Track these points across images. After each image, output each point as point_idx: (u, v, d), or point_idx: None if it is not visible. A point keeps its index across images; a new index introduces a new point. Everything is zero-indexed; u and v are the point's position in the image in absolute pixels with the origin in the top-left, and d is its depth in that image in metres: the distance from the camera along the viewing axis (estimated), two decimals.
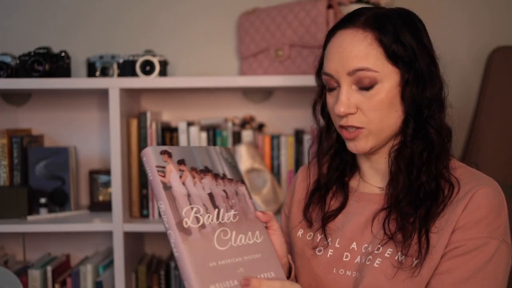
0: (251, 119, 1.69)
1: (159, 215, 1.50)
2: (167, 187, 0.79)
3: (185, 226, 0.78)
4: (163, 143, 1.59)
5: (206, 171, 0.86)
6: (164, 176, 0.80)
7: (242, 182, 0.91)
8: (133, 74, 1.52)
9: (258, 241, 0.85)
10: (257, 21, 1.61)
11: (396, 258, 0.87)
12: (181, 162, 0.83)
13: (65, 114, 1.76)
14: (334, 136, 1.02)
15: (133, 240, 1.62)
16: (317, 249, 0.97)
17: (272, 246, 0.87)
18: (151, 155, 0.80)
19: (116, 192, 1.49)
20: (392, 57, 0.87)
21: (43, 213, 1.59)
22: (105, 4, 1.76)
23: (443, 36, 1.77)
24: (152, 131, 1.55)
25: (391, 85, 0.88)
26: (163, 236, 1.76)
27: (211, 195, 0.83)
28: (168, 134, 1.60)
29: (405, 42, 0.87)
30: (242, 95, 1.75)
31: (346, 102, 0.88)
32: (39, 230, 1.51)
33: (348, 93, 0.88)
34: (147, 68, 1.50)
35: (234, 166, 0.91)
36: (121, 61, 1.55)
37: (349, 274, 0.91)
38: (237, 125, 1.65)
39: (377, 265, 0.87)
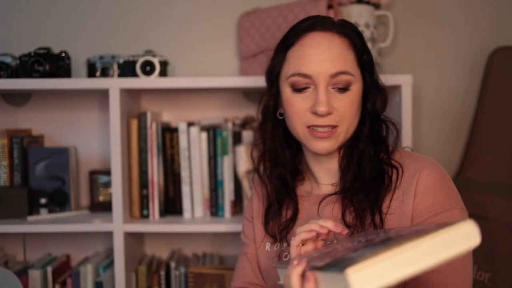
0: (251, 119, 1.69)
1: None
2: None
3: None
4: (163, 143, 1.59)
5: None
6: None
7: None
8: (134, 74, 1.52)
9: None
10: (257, 21, 1.61)
11: None
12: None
13: (66, 114, 1.76)
14: (277, 143, 1.05)
15: (133, 240, 1.62)
16: (283, 255, 0.99)
17: None
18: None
19: (116, 192, 1.49)
20: (361, 64, 0.96)
21: (43, 214, 1.59)
22: (106, 4, 1.76)
23: (443, 36, 1.77)
24: (152, 131, 1.55)
25: (358, 89, 0.95)
26: (163, 237, 1.76)
27: None
28: (168, 134, 1.60)
29: (369, 52, 0.98)
30: (242, 96, 1.75)
31: (326, 101, 0.91)
32: (39, 231, 1.51)
33: (327, 94, 0.92)
34: (147, 68, 1.50)
35: None
36: (121, 61, 1.55)
37: None
38: (237, 125, 1.65)
39: None
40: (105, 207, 1.64)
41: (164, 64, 1.56)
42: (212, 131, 1.59)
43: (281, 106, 1.01)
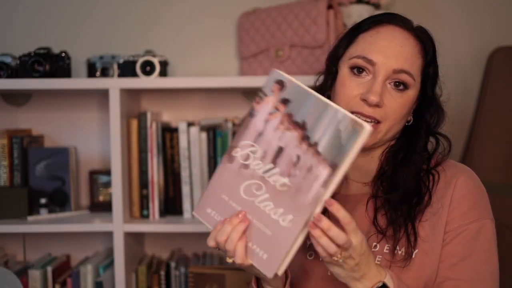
0: None
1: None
2: (251, 114, 0.80)
3: (233, 154, 0.81)
4: (163, 143, 1.59)
5: (299, 126, 0.76)
6: (258, 103, 0.80)
7: (333, 167, 0.73)
8: (134, 74, 1.52)
9: (282, 223, 0.75)
10: (257, 21, 1.61)
11: (387, 251, 0.90)
12: (284, 101, 0.77)
13: (66, 114, 1.76)
14: None
15: (133, 240, 1.62)
16: (308, 253, 0.97)
17: (292, 241, 0.74)
18: (269, 77, 0.80)
19: (116, 192, 1.49)
20: (425, 73, 0.95)
21: (43, 214, 1.59)
22: (105, 4, 1.76)
23: (443, 36, 1.76)
24: (152, 131, 1.55)
25: (414, 95, 0.94)
26: (163, 236, 1.76)
27: (280, 150, 0.77)
28: (168, 134, 1.60)
29: (436, 66, 0.97)
30: (242, 96, 1.75)
31: (380, 93, 0.90)
32: (39, 231, 1.52)
33: (383, 87, 0.91)
34: (147, 68, 1.51)
35: (341, 147, 0.73)
36: (121, 61, 1.55)
37: None
38: (237, 125, 1.65)
39: (378, 263, 0.87)
40: (105, 207, 1.64)
41: (164, 64, 1.56)
42: (212, 131, 1.59)
43: (332, 87, 0.99)
